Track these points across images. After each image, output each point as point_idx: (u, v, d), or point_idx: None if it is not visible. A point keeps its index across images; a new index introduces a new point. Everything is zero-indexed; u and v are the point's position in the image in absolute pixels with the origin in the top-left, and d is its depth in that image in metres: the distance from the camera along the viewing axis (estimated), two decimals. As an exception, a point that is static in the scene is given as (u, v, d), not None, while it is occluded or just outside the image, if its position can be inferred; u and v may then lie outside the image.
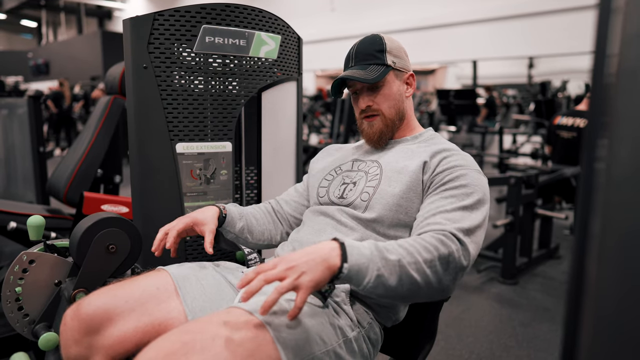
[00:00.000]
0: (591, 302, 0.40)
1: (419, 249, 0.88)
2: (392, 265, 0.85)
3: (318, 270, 0.80)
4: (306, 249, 0.84)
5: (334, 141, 5.58)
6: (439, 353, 2.18)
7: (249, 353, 0.79)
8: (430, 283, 0.88)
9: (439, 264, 0.88)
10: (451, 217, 0.97)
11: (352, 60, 1.20)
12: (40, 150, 2.99)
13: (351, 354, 0.95)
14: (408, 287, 0.87)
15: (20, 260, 1.15)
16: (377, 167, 1.18)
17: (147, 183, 1.43)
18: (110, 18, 20.51)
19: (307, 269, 0.79)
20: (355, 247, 0.85)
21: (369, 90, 1.19)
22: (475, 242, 0.96)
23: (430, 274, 0.88)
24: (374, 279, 0.84)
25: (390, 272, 0.85)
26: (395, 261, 0.85)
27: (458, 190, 1.02)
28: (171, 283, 1.03)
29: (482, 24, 10.26)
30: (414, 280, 0.86)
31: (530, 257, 3.29)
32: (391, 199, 1.08)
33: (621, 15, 0.35)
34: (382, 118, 1.20)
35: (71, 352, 0.96)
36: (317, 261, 0.80)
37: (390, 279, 0.85)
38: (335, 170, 1.27)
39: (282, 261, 0.81)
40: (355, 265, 0.83)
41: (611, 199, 0.37)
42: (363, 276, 0.84)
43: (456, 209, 0.98)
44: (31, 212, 1.99)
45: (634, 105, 0.35)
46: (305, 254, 0.82)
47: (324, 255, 0.82)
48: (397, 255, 0.86)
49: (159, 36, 1.37)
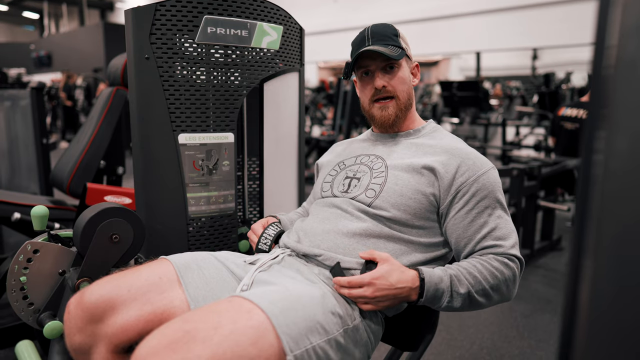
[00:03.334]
0: (587, 293, 0.40)
1: (486, 276, 1.02)
2: (462, 297, 1.00)
3: (396, 302, 0.99)
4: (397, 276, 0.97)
5: (336, 133, 5.57)
6: (440, 343, 2.19)
7: (251, 342, 0.80)
8: (494, 301, 1.05)
9: (505, 286, 1.03)
10: (499, 234, 1.07)
11: (369, 40, 1.18)
12: (44, 141, 3.00)
13: (352, 343, 0.96)
14: (474, 307, 1.03)
15: (24, 249, 1.16)
16: (381, 164, 1.17)
17: (149, 174, 1.44)
18: (112, 9, 20.43)
19: (388, 300, 0.97)
20: (433, 283, 0.99)
21: (383, 71, 1.18)
22: (517, 242, 1.10)
23: (496, 296, 1.03)
24: (443, 306, 1.01)
25: (458, 301, 1.00)
26: (464, 294, 1.00)
27: (486, 202, 1.09)
28: (173, 272, 1.04)
29: (486, 15, 10.18)
30: (480, 303, 1.03)
31: (532, 249, 3.30)
32: (400, 199, 1.09)
33: (620, 7, 0.35)
34: (396, 101, 1.19)
35: (75, 340, 0.98)
36: (399, 298, 0.97)
37: (456, 304, 1.01)
38: (339, 165, 1.27)
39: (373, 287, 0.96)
40: (430, 299, 0.99)
41: (608, 190, 0.37)
42: (435, 304, 1.01)
43: (494, 220, 1.08)
44: (35, 203, 2.00)
45: (632, 97, 0.35)
46: (392, 287, 0.96)
47: (405, 293, 0.97)
48: (467, 287, 1.00)
49: (161, 27, 1.36)
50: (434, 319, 1.22)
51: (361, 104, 1.26)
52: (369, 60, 1.18)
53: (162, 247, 1.44)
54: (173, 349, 0.77)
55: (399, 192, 1.09)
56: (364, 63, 1.19)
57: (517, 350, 2.15)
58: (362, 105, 1.26)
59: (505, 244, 1.06)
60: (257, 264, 1.09)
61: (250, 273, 1.06)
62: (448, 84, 7.28)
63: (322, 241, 1.10)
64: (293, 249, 1.14)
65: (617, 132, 0.37)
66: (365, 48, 1.15)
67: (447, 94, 7.30)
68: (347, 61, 1.23)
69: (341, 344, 0.93)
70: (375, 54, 1.15)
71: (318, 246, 1.09)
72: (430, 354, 2.10)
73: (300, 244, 1.12)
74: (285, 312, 0.87)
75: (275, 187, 1.70)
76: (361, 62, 1.19)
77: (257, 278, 1.05)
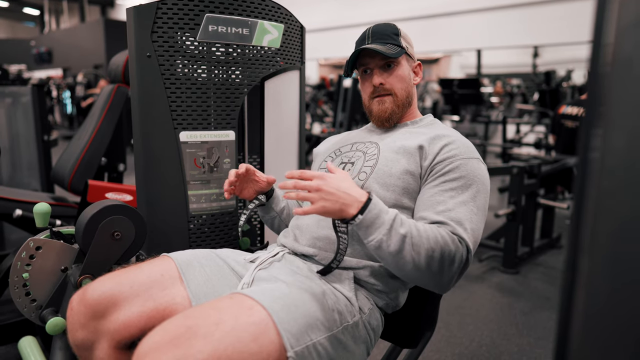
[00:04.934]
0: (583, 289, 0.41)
1: (429, 235, 0.94)
2: (398, 237, 0.92)
3: (336, 207, 0.91)
4: (340, 183, 0.93)
5: (336, 130, 5.57)
6: (439, 341, 2.20)
7: (252, 338, 0.81)
8: (430, 270, 0.94)
9: (441, 258, 0.94)
10: (455, 217, 1.00)
11: (369, 39, 1.21)
12: (45, 138, 3.00)
13: (352, 339, 0.97)
14: (404, 263, 0.94)
15: (27, 246, 1.17)
16: (375, 148, 1.19)
17: (150, 171, 1.44)
18: (113, 6, 20.39)
19: (329, 200, 0.91)
20: (377, 208, 0.93)
21: (382, 69, 1.21)
22: (475, 240, 1.01)
23: (431, 262, 0.93)
24: (376, 241, 0.93)
25: (393, 242, 0.92)
26: (401, 235, 0.92)
27: (457, 183, 1.04)
28: (175, 269, 1.05)
29: (487, 12, 10.16)
30: (410, 260, 0.93)
31: (532, 247, 3.30)
32: (389, 179, 1.10)
33: (616, 5, 0.35)
34: (394, 98, 1.21)
35: (77, 336, 0.98)
36: (340, 202, 0.91)
37: (391, 246, 0.93)
38: (335, 152, 1.29)
39: (322, 180, 0.92)
40: (368, 221, 0.92)
41: (604, 187, 0.38)
42: (370, 234, 0.93)
43: (458, 205, 1.01)
44: (36, 199, 2.01)
45: (628, 94, 0.36)
46: (339, 189, 0.92)
47: (348, 201, 0.92)
48: (407, 231, 0.93)
49: (162, 25, 1.37)
50: (433, 316, 1.22)
51: (362, 100, 1.29)
52: (369, 58, 1.20)
53: (164, 244, 1.45)
54: (175, 344, 0.77)
55: (388, 173, 1.10)
56: (364, 61, 1.22)
57: (516, 348, 2.15)
58: (363, 101, 1.29)
59: (458, 228, 0.98)
60: (257, 262, 1.10)
61: (250, 271, 1.07)
62: (449, 82, 7.27)
63: (317, 239, 1.11)
64: (290, 248, 1.15)
65: (614, 130, 0.37)
66: (363, 46, 1.17)
67: (447, 92, 7.29)
68: (347, 59, 1.25)
69: (341, 341, 0.94)
70: (374, 52, 1.17)
71: (314, 245, 1.11)
72: (430, 351, 2.11)
73: (297, 243, 1.14)
74: (286, 309, 0.87)
75: (275, 185, 1.71)
76: (362, 60, 1.22)
77: (257, 276, 1.05)
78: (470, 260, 0.99)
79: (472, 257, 0.99)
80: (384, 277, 1.07)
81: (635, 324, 0.36)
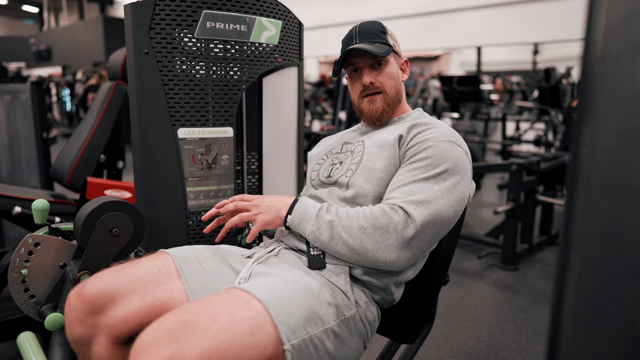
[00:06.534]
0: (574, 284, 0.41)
1: (359, 215, 0.99)
2: (325, 224, 1.00)
3: (271, 216, 1.07)
4: (275, 197, 1.11)
5: (336, 128, 5.57)
6: (438, 337, 2.21)
7: (249, 332, 0.82)
8: (365, 248, 0.98)
9: (374, 232, 0.97)
10: (407, 190, 1.01)
11: (356, 38, 1.22)
12: (44, 136, 3.00)
13: (349, 333, 0.98)
14: (342, 248, 0.99)
15: (25, 242, 1.18)
16: (361, 145, 1.21)
17: (149, 168, 1.45)
18: (112, 3, 20.35)
19: (265, 212, 1.07)
20: (304, 205, 1.05)
21: (371, 68, 1.21)
22: (431, 213, 0.98)
23: (365, 239, 0.97)
24: (310, 233, 1.02)
25: (323, 230, 1.00)
26: (327, 221, 1.00)
27: (422, 163, 1.05)
28: (173, 265, 1.05)
29: (487, 9, 10.14)
30: (345, 242, 0.98)
31: (530, 244, 3.31)
32: (373, 173, 1.11)
33: (605, 2, 0.36)
34: (384, 96, 1.22)
35: (76, 331, 0.99)
36: (273, 209, 1.07)
37: (323, 234, 1.00)
38: (327, 154, 1.30)
39: (255, 200, 1.11)
40: (298, 218, 1.04)
41: (593, 184, 0.38)
42: (304, 229, 1.03)
43: (415, 182, 1.02)
44: (35, 197, 2.01)
45: (616, 92, 0.36)
46: (270, 201, 1.09)
47: (279, 207, 1.07)
48: (333, 217, 1.01)
49: (160, 21, 1.37)
50: (431, 312, 1.23)
51: (352, 99, 1.30)
52: (357, 57, 1.21)
53: (162, 240, 1.46)
54: (173, 338, 0.78)
55: (372, 167, 1.12)
56: (352, 60, 1.23)
57: (514, 344, 2.16)
58: (352, 100, 1.30)
59: (402, 199, 0.98)
60: (255, 257, 1.11)
61: (247, 265, 1.08)
62: (448, 79, 7.26)
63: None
64: (286, 244, 1.16)
65: (602, 127, 0.37)
66: (352, 46, 1.18)
67: (447, 89, 7.28)
68: (336, 59, 1.25)
69: (338, 334, 0.94)
70: (363, 51, 1.17)
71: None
72: (428, 347, 2.11)
73: (293, 239, 1.15)
74: (282, 302, 0.88)
75: (274, 182, 1.71)
76: (350, 59, 1.23)
77: (254, 270, 1.06)
78: (416, 228, 0.96)
79: (421, 226, 0.96)
80: (375, 273, 1.07)
81: (624, 318, 0.37)
